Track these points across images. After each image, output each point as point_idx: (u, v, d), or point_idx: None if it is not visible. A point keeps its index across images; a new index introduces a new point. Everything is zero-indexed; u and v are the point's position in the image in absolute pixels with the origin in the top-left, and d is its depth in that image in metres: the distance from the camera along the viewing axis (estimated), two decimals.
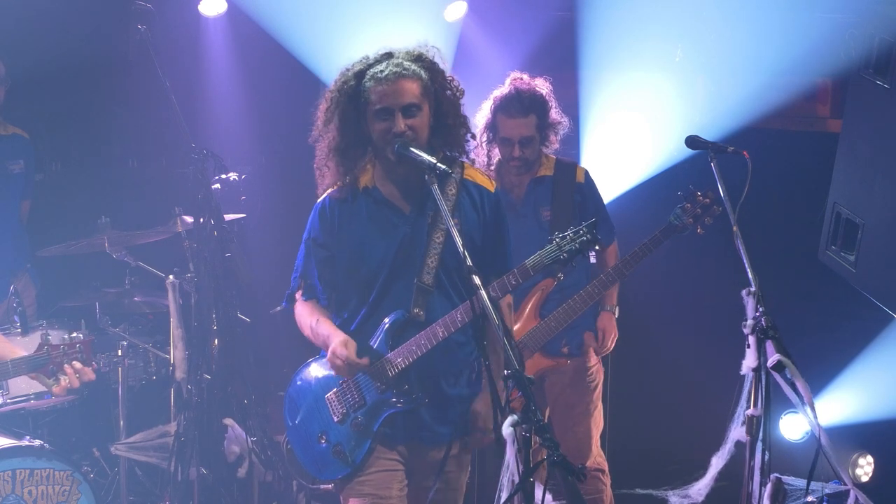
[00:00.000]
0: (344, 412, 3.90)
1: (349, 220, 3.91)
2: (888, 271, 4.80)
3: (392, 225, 3.89)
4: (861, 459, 6.03)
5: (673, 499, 4.65)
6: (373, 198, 3.90)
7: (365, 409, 3.89)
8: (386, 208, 3.90)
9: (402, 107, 3.76)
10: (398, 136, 3.75)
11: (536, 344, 4.98)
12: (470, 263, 3.43)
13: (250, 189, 6.27)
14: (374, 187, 3.90)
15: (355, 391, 3.90)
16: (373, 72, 3.79)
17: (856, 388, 5.86)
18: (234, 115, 7.01)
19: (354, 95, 3.81)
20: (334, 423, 3.91)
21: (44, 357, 4.17)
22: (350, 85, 3.82)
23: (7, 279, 5.77)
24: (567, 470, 3.08)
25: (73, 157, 7.02)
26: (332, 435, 3.92)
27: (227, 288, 5.26)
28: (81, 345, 4.19)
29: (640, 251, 4.90)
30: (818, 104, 6.62)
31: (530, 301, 5.00)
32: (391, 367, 3.84)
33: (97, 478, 5.83)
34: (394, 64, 3.79)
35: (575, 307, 4.94)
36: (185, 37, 6.68)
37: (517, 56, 6.79)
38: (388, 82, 3.76)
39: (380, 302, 3.89)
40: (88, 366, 4.20)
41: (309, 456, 3.99)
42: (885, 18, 4.76)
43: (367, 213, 3.90)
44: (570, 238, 3.70)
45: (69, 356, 4.16)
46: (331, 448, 3.91)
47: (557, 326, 4.95)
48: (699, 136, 4.50)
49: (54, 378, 4.17)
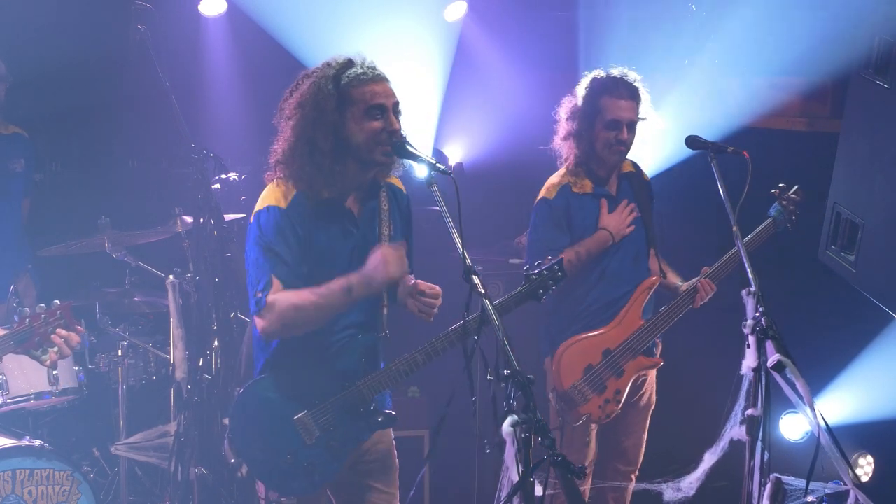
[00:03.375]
0: (318, 435, 3.84)
1: (316, 227, 3.82)
2: (888, 271, 4.80)
3: (348, 232, 3.88)
4: (861, 459, 6.04)
5: (667, 492, 4.67)
6: (336, 206, 3.86)
7: (342, 433, 3.85)
8: (343, 216, 3.87)
9: (394, 104, 3.77)
10: (393, 133, 3.74)
11: (642, 345, 4.91)
12: (469, 264, 3.42)
13: (250, 189, 6.27)
14: (335, 196, 3.85)
15: (332, 414, 3.84)
16: (352, 74, 3.76)
17: (856, 388, 5.86)
18: (234, 115, 7.01)
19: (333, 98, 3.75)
20: (304, 444, 3.83)
21: (27, 330, 4.04)
22: (328, 89, 3.76)
23: (8, 279, 5.76)
24: (567, 469, 3.08)
25: (73, 157, 7.03)
26: (302, 454, 3.83)
27: (227, 288, 5.26)
28: (61, 310, 4.08)
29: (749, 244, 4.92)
30: (818, 104, 6.62)
31: (635, 302, 4.94)
32: (369, 390, 3.85)
33: (97, 478, 5.83)
34: (370, 66, 3.79)
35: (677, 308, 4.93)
36: (185, 37, 6.69)
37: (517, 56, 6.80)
38: (377, 82, 3.76)
39: (347, 314, 3.86)
40: (73, 330, 4.09)
41: (272, 474, 3.87)
42: (885, 18, 4.75)
43: (331, 222, 3.85)
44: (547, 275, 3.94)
45: (52, 324, 4.05)
46: (300, 466, 3.83)
47: (662, 327, 4.93)
48: (699, 136, 4.50)
49: (42, 349, 4.08)
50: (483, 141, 7.15)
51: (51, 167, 6.93)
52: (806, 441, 5.94)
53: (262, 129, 7.18)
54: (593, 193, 4.94)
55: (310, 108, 3.77)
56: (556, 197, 4.91)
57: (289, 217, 3.79)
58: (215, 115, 6.93)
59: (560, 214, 4.89)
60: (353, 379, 3.86)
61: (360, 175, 3.84)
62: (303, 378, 3.85)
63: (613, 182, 5.02)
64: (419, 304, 3.89)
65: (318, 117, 3.75)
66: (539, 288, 3.95)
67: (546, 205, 4.93)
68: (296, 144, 3.79)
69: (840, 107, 5.65)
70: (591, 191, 4.94)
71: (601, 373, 4.83)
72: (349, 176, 3.82)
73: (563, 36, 6.75)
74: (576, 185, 4.93)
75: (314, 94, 3.77)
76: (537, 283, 3.94)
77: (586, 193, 4.93)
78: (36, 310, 4.06)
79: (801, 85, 6.40)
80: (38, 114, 6.49)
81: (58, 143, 6.90)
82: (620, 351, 4.88)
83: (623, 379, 4.89)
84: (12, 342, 4.06)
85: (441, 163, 3.65)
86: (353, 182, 3.85)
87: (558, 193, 4.91)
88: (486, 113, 7.06)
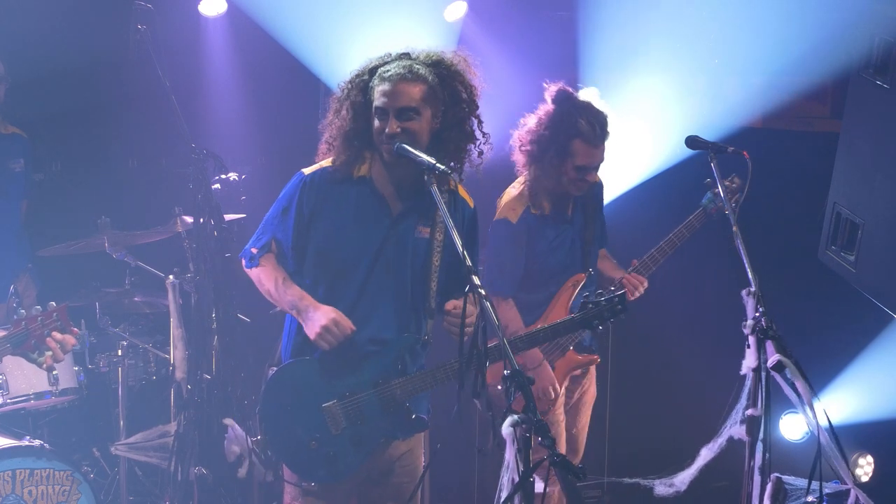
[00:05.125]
0: (344, 426, 3.88)
1: (335, 202, 3.89)
2: (888, 271, 4.80)
3: (377, 219, 3.89)
4: (861, 459, 6.04)
5: (659, 488, 4.67)
6: (367, 187, 3.90)
7: (368, 428, 3.90)
8: (375, 202, 3.90)
9: (396, 109, 3.77)
10: (391, 137, 3.76)
11: (570, 341, 4.95)
12: (470, 264, 3.42)
13: (250, 189, 6.27)
14: (369, 177, 3.90)
15: (364, 409, 3.88)
16: (382, 70, 3.82)
17: (856, 388, 5.87)
18: (234, 115, 7.00)
19: (365, 89, 3.84)
20: (330, 433, 3.87)
21: (23, 332, 4.03)
22: (363, 79, 3.86)
23: (9, 280, 5.77)
24: (567, 469, 3.08)
25: (73, 157, 7.02)
26: (327, 443, 3.88)
27: (227, 288, 5.26)
28: (57, 312, 4.08)
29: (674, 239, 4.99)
30: (818, 104, 6.62)
31: (561, 296, 4.97)
32: (403, 392, 3.88)
33: (97, 478, 5.83)
34: (402, 66, 3.80)
35: None
36: (185, 37, 6.68)
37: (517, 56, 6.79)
38: (390, 83, 3.78)
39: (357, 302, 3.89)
40: (68, 332, 4.10)
41: (296, 457, 3.92)
42: (885, 18, 4.75)
43: (355, 201, 3.89)
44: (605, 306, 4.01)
45: (47, 326, 4.05)
46: (324, 454, 3.88)
47: None
48: (699, 136, 4.51)
49: (38, 352, 4.07)
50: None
51: (51, 167, 6.92)
52: (806, 441, 5.93)
53: (262, 129, 7.22)
54: (550, 215, 4.97)
55: (350, 86, 3.90)
56: (518, 221, 4.94)
57: (305, 186, 3.91)
58: (215, 115, 6.92)
59: (520, 237, 4.93)
60: (388, 378, 3.89)
61: (391, 167, 3.86)
62: (338, 368, 3.88)
63: (571, 202, 5.06)
64: (445, 322, 3.92)
65: (351, 99, 3.87)
66: (594, 318, 4.03)
67: (508, 227, 4.95)
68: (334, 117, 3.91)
69: (840, 107, 5.65)
70: (548, 212, 4.97)
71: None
72: (382, 163, 3.87)
73: (562, 36, 6.74)
74: (535, 206, 4.96)
75: (356, 76, 3.89)
76: (594, 313, 4.03)
77: (545, 215, 4.97)
78: (32, 312, 4.06)
79: (801, 85, 6.40)
80: (38, 114, 6.49)
81: (58, 143, 6.89)
82: (548, 348, 4.91)
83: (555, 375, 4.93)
84: (9, 345, 4.06)
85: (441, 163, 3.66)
86: (387, 172, 3.89)
87: (521, 218, 4.94)
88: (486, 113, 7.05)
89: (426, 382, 3.89)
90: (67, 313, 4.11)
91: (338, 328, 3.79)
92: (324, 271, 3.92)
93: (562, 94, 4.92)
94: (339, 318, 3.81)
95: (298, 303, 3.87)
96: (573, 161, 4.86)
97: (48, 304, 4.08)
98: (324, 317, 3.80)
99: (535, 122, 4.95)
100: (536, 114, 4.98)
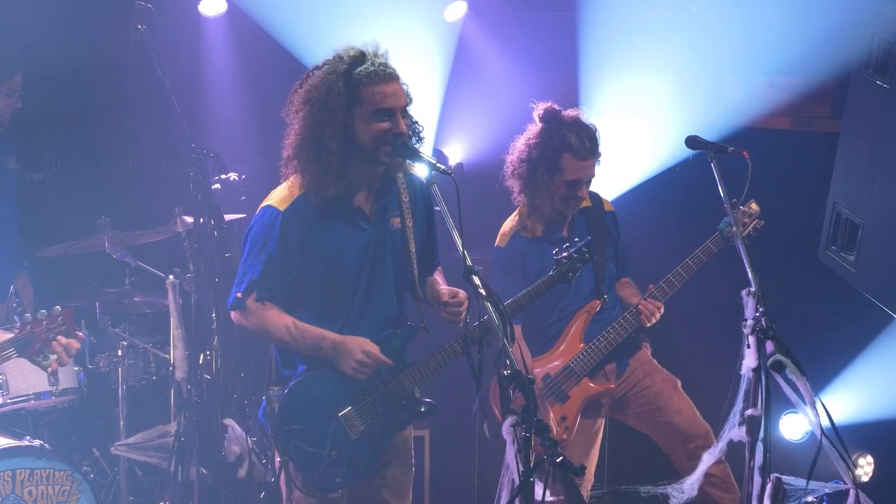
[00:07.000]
0: (362, 429, 3.89)
1: (318, 230, 3.84)
2: (888, 271, 4.80)
3: (359, 231, 3.88)
4: (861, 459, 6.03)
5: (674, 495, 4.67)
6: (344, 203, 3.86)
7: (384, 424, 3.92)
8: (354, 214, 3.88)
9: (402, 108, 3.77)
10: (399, 136, 3.74)
11: (584, 369, 4.91)
12: (470, 264, 3.43)
13: (250, 189, 6.27)
14: (344, 193, 3.84)
15: (378, 408, 3.90)
16: (363, 72, 3.73)
17: (856, 388, 5.86)
18: (234, 115, 7.00)
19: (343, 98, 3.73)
20: (350, 439, 3.88)
21: (28, 336, 4.04)
22: (339, 88, 3.73)
23: (8, 279, 5.76)
24: (567, 469, 3.08)
25: (73, 157, 7.02)
26: (347, 449, 3.87)
27: (227, 288, 5.26)
28: (62, 317, 4.09)
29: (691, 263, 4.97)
30: (818, 104, 6.62)
31: (574, 325, 4.95)
32: (411, 382, 3.92)
33: (97, 478, 5.82)
34: (381, 64, 3.76)
35: (621, 329, 4.93)
36: (185, 37, 6.68)
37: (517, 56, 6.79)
38: (388, 82, 3.75)
39: (362, 313, 3.90)
40: (73, 337, 4.10)
41: (317, 470, 3.88)
42: (885, 18, 4.75)
43: (338, 221, 3.86)
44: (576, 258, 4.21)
45: (53, 330, 4.06)
46: (345, 460, 3.87)
47: (604, 350, 4.92)
48: (699, 136, 4.50)
49: (43, 356, 4.08)
50: (483, 141, 7.14)
51: (51, 167, 6.91)
52: (806, 441, 5.93)
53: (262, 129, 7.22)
54: (543, 237, 4.95)
55: (319, 105, 3.76)
56: (507, 245, 4.95)
57: (285, 222, 3.81)
58: (215, 115, 6.92)
59: (513, 262, 4.93)
60: (395, 372, 3.91)
61: (367, 172, 3.84)
62: (345, 374, 3.87)
63: (567, 223, 5.03)
64: (445, 313, 3.95)
65: (328, 117, 3.74)
66: (569, 270, 4.19)
67: (499, 253, 4.98)
68: (303, 141, 3.79)
69: (840, 107, 5.65)
70: (540, 234, 4.96)
71: (542, 399, 4.82)
72: (357, 173, 3.82)
73: (563, 36, 6.75)
74: (525, 229, 4.96)
75: (324, 92, 3.75)
76: (567, 265, 4.18)
77: (536, 237, 4.96)
78: (37, 316, 4.06)
79: (801, 85, 6.40)
80: (39, 114, 6.49)
81: (58, 143, 6.89)
82: (562, 377, 4.88)
83: (569, 405, 4.88)
84: (14, 349, 4.07)
85: (441, 163, 3.67)
86: (362, 179, 3.85)
87: (510, 242, 4.95)
88: (486, 113, 7.06)
89: (430, 367, 3.94)
90: (73, 318, 4.12)
91: (371, 358, 3.83)
92: (321, 293, 3.91)
93: (549, 112, 4.94)
94: (371, 349, 3.84)
95: (322, 342, 3.84)
96: (563, 176, 4.85)
97: (53, 309, 4.09)
98: (357, 351, 3.82)
99: (524, 142, 4.96)
100: (525, 134, 4.98)
